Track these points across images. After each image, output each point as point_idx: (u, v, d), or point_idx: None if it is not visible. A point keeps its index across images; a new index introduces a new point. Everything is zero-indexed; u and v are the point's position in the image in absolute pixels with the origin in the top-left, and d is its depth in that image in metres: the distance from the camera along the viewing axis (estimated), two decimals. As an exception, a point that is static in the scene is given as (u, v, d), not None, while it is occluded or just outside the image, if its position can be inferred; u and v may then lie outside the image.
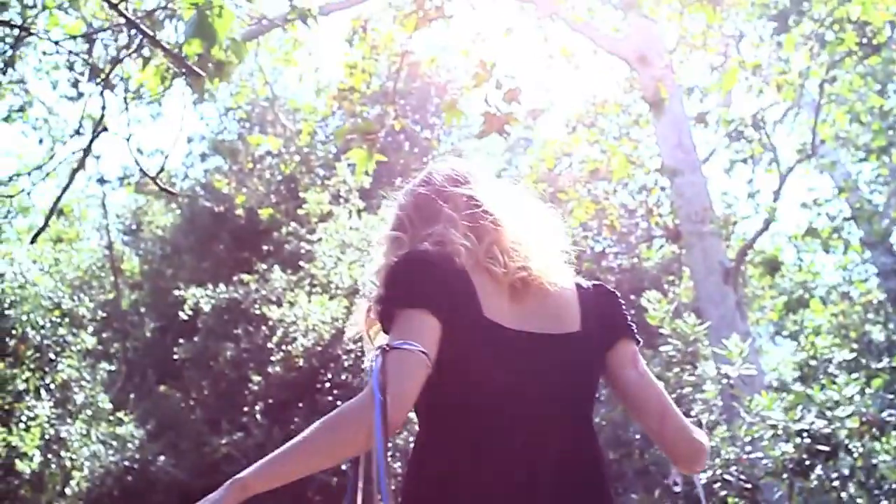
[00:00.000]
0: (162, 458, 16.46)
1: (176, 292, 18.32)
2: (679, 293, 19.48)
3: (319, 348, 16.33)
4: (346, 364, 16.25)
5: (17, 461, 14.89)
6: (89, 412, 13.40)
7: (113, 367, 15.03)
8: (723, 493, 8.13)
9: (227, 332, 17.30)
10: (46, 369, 12.31)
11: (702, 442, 2.82)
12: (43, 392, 12.45)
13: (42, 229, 6.49)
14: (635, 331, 2.94)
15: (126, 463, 16.29)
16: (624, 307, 2.97)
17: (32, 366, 12.19)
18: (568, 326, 2.82)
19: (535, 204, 3.02)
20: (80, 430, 13.49)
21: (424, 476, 2.69)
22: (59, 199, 7.19)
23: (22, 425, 12.34)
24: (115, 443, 16.24)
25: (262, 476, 2.53)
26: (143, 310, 22.93)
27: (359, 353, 16.33)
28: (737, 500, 8.39)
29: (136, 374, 20.97)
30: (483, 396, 2.66)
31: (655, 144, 19.12)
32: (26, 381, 12.29)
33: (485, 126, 9.37)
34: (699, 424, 9.07)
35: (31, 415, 12.34)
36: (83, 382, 13.05)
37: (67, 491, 15.80)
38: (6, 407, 12.20)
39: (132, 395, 19.26)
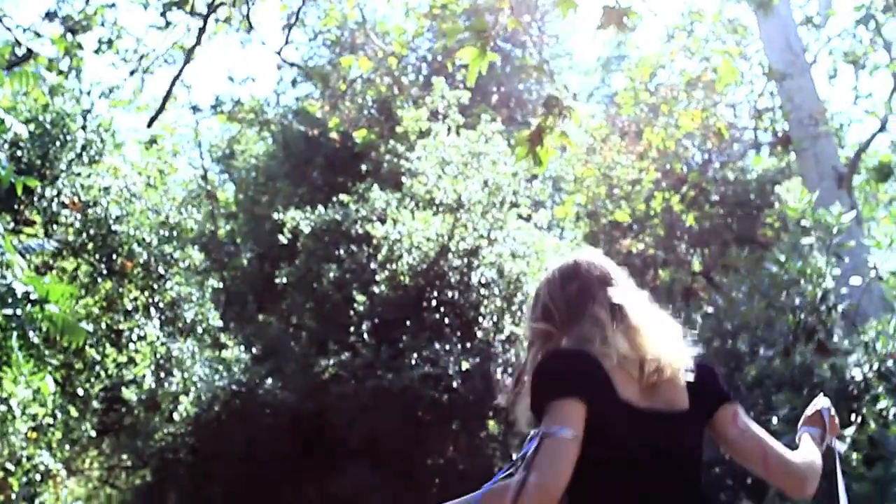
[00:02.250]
0: (269, 380, 16.28)
1: (275, 216, 18.04)
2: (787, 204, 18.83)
3: (425, 266, 16.03)
4: (452, 281, 15.94)
5: (123, 389, 14.75)
6: (200, 329, 13.17)
7: (220, 285, 14.75)
8: (878, 388, 7.69)
9: (329, 253, 17.03)
10: (155, 287, 12.06)
11: (804, 470, 3.39)
12: (152, 310, 12.24)
13: (158, 113, 6.18)
14: (731, 394, 3.48)
15: (233, 387, 16.14)
16: (720, 378, 3.50)
17: (140, 283, 11.96)
18: (679, 406, 3.32)
19: (658, 309, 3.46)
20: (191, 348, 13.29)
21: None
22: (173, 83, 6.84)
23: (132, 346, 12.14)
24: (220, 367, 16.10)
25: None
26: (238, 239, 22.76)
27: (464, 270, 16.02)
28: (887, 397, 7.94)
29: (236, 303, 20.84)
30: (619, 459, 3.19)
31: (759, 51, 18.55)
32: (135, 299, 12.07)
33: (603, 19, 8.98)
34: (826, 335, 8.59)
35: (141, 334, 12.13)
36: (192, 299, 12.82)
37: (175, 416, 15.70)
38: (115, 327, 12.00)
39: (232, 324, 19.11)
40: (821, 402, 3.80)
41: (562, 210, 20.22)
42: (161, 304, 12.39)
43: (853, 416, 8.03)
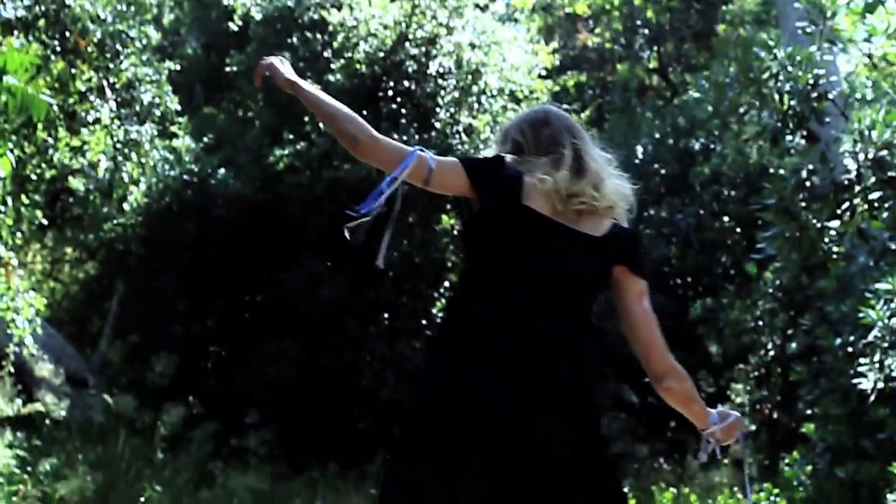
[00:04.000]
0: (221, 171, 15.90)
1: (224, 1, 17.38)
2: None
3: (381, 54, 15.57)
4: (409, 70, 15.52)
5: (70, 178, 14.29)
6: (157, 113, 12.70)
7: (178, 68, 14.17)
8: (871, 179, 7.50)
9: (282, 41, 16.48)
10: (110, 67, 11.53)
11: (677, 368, 3.57)
12: (107, 92, 11.73)
13: None
14: (645, 272, 3.63)
15: (185, 177, 15.74)
16: (642, 252, 3.70)
17: (95, 63, 11.41)
18: (593, 232, 3.52)
19: (615, 169, 3.70)
20: (150, 132, 12.81)
21: (447, 312, 3.62)
22: None
23: (86, 129, 11.66)
24: (170, 156, 15.67)
25: (307, 97, 3.51)
26: (183, 28, 22.05)
27: (422, 59, 15.61)
28: (879, 187, 7.78)
29: (183, 93, 20.28)
30: (503, 257, 3.43)
31: None
32: (88, 80, 11.54)
33: None
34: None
35: (97, 116, 11.64)
36: (149, 81, 12.29)
37: (126, 206, 15.34)
38: (68, 109, 11.50)
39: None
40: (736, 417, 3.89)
41: (519, 0, 19.75)
42: (117, 86, 11.87)
43: (840, 210, 7.88)
